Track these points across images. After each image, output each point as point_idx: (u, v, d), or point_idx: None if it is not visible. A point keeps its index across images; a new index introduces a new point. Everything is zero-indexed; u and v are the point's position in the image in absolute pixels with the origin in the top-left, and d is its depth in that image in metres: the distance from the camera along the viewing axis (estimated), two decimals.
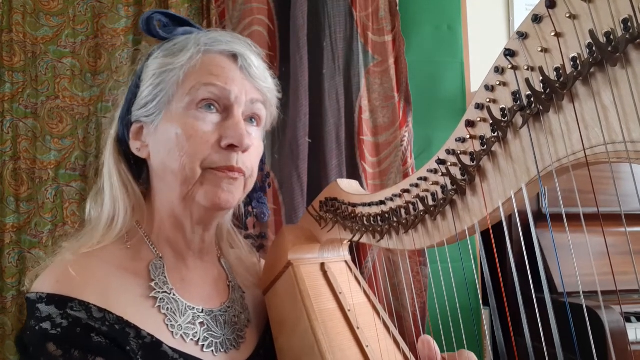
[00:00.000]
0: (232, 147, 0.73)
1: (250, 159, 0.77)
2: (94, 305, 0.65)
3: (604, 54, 0.43)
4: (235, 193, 0.75)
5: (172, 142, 0.73)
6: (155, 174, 0.78)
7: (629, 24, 0.41)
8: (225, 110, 0.75)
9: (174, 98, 0.74)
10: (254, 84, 0.77)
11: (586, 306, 1.33)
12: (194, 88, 0.73)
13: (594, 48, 0.44)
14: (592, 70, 0.45)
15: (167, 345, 0.68)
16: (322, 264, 0.86)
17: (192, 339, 0.72)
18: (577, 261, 0.59)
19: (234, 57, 0.76)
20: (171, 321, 0.71)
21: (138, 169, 0.82)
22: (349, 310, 0.81)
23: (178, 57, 0.74)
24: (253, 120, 0.80)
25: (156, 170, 0.77)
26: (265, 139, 0.87)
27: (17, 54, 1.75)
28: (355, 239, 0.77)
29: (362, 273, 0.93)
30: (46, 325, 0.62)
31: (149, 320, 0.69)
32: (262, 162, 0.87)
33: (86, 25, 1.80)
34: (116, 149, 0.80)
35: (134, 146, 0.78)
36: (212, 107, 0.74)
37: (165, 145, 0.74)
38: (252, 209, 0.93)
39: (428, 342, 0.67)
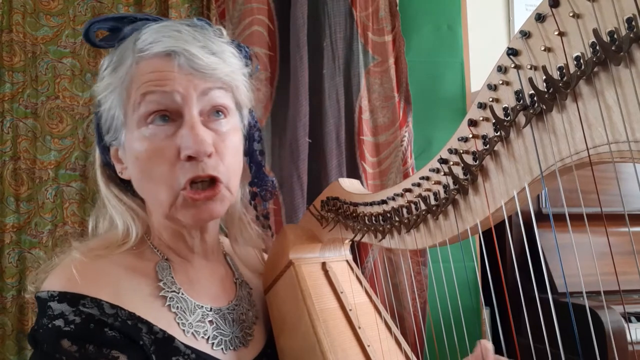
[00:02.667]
0: (192, 158, 0.68)
1: (223, 160, 0.71)
2: (106, 302, 0.65)
3: (608, 53, 0.43)
4: (220, 203, 0.71)
5: (137, 166, 0.71)
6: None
7: (633, 23, 0.41)
8: (179, 116, 0.69)
9: (127, 117, 0.71)
10: (203, 75, 0.69)
11: (588, 307, 1.33)
12: (135, 102, 0.68)
13: (597, 47, 0.44)
14: (595, 69, 0.45)
15: (179, 341, 0.69)
16: (324, 264, 0.86)
17: (202, 337, 0.72)
18: (578, 261, 0.59)
19: (170, 55, 0.68)
20: (182, 319, 0.71)
21: (130, 185, 0.79)
22: (350, 310, 0.81)
23: (118, 73, 0.70)
24: (219, 113, 0.72)
25: (137, 190, 0.76)
26: (265, 130, 0.85)
27: (17, 54, 1.74)
28: (357, 238, 0.77)
29: (362, 272, 0.93)
30: (59, 322, 0.63)
31: (160, 319, 0.69)
32: (255, 140, 0.84)
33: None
34: (104, 174, 0.79)
35: (118, 169, 0.77)
36: (166, 118, 0.69)
37: (133, 167, 0.72)
38: (256, 190, 0.89)
39: (486, 349, 0.67)
